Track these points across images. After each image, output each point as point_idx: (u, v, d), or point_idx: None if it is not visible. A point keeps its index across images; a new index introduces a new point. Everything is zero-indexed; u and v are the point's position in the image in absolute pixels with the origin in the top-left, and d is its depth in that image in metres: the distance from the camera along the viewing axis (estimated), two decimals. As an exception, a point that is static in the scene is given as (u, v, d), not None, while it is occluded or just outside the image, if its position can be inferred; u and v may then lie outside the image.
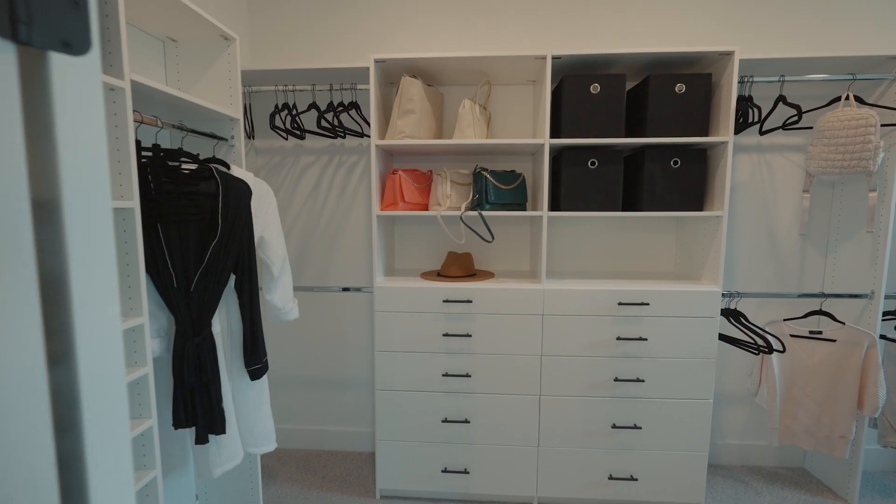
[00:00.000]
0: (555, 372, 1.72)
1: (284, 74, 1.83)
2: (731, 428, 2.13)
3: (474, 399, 1.75)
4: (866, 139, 1.60)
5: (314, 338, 2.20)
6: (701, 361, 1.68)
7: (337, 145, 2.09)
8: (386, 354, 1.76)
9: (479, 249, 2.09)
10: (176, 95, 1.20)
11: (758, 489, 1.94)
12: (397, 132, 1.73)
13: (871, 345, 1.71)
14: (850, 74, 1.68)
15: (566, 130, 1.67)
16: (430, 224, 2.10)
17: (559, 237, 2.07)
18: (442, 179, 1.79)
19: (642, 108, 1.67)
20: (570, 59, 1.65)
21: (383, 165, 1.88)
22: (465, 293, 1.71)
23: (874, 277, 1.75)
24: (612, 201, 1.71)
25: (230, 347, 1.42)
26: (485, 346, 1.72)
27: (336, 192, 2.11)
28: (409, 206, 1.78)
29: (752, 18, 1.91)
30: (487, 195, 1.72)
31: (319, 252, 2.15)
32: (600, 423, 1.73)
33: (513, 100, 2.01)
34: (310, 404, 2.25)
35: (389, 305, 1.73)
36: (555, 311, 1.69)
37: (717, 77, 1.66)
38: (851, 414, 1.75)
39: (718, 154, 1.67)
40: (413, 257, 2.13)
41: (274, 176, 2.12)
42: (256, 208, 1.46)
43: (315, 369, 2.22)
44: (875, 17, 1.88)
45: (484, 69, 1.80)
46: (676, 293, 1.66)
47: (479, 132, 1.77)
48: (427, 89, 1.79)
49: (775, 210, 1.99)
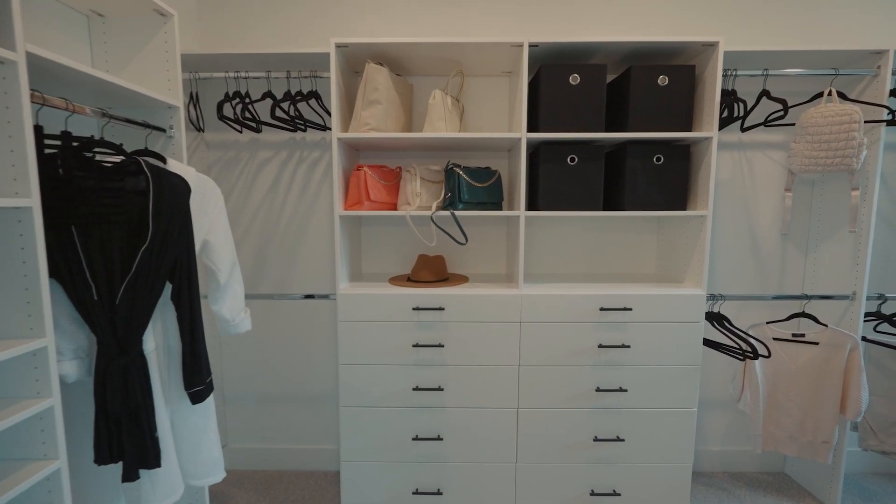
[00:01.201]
0: (533, 383, 1.60)
1: (236, 60, 1.65)
2: (713, 434, 2.07)
3: (447, 414, 1.62)
4: (850, 136, 1.55)
5: (274, 350, 2.03)
6: (685, 369, 1.60)
7: (297, 139, 1.92)
8: (351, 368, 1.60)
9: (452, 252, 1.96)
10: (91, 75, 1.02)
11: (741, 497, 1.88)
12: (362, 124, 1.58)
13: (854, 347, 1.67)
14: (832, 69, 1.63)
15: (544, 124, 1.55)
16: (399, 225, 1.95)
17: (537, 238, 1.96)
18: (411, 176, 1.65)
19: (624, 101, 1.57)
20: (548, 47, 1.54)
21: (347, 161, 1.72)
22: (437, 300, 1.57)
23: (856, 278, 1.71)
24: (593, 200, 1.61)
25: (168, 367, 1.24)
26: (458, 357, 1.59)
27: (297, 190, 1.94)
28: (375, 206, 1.63)
29: (736, 7, 1.84)
30: (460, 194, 1.59)
31: (279, 256, 1.97)
32: (581, 436, 1.63)
33: (487, 92, 1.88)
34: (270, 421, 2.07)
35: (354, 314, 1.58)
36: (533, 318, 1.58)
37: (701, 69, 1.57)
38: (834, 419, 1.70)
39: (702, 150, 1.59)
40: (381, 261, 1.98)
41: (228, 172, 1.93)
42: (199, 208, 1.29)
43: (275, 384, 2.05)
44: (860, 8, 1.84)
45: (456, 58, 1.67)
46: (660, 297, 1.57)
47: (452, 125, 1.64)
48: (395, 78, 1.65)
49: (756, 209, 1.94)
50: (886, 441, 1.80)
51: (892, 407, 1.78)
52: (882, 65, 1.60)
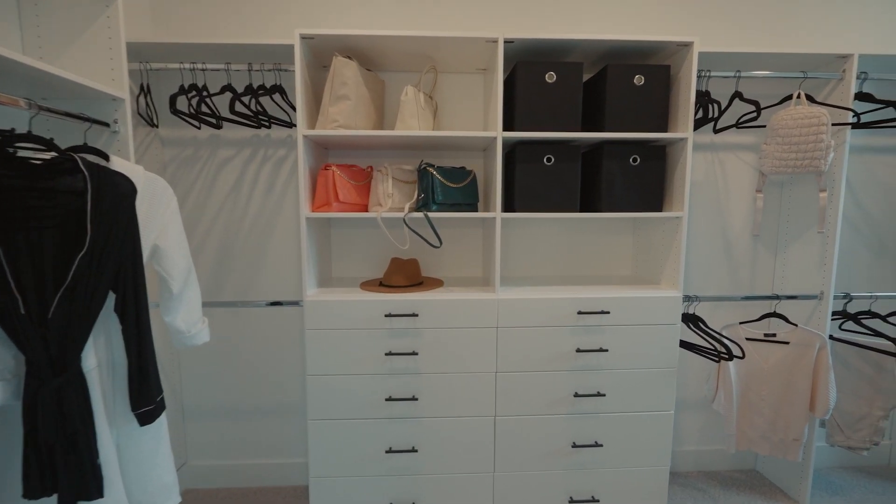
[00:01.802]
0: (511, 390, 1.56)
1: (193, 50, 1.53)
2: (687, 434, 2.08)
3: (422, 424, 1.55)
4: (818, 138, 1.57)
5: (238, 360, 1.91)
6: (662, 371, 1.58)
7: (262, 136, 1.81)
8: (319, 378, 1.51)
9: (426, 255, 1.90)
10: (21, 62, 0.90)
11: (715, 496, 1.89)
12: (329, 121, 1.49)
13: (822, 346, 1.69)
14: (801, 72, 1.65)
15: (520, 123, 1.51)
16: (371, 227, 1.87)
17: (513, 239, 1.92)
18: (383, 176, 1.57)
19: (600, 100, 1.55)
20: (523, 43, 1.49)
21: (315, 160, 1.63)
22: (411, 305, 1.50)
23: (823, 278, 1.74)
24: (570, 201, 1.57)
25: (112, 386, 1.13)
26: (433, 365, 1.53)
27: (261, 190, 1.83)
28: (344, 207, 1.55)
29: (709, 9, 1.84)
30: (434, 194, 1.53)
31: (243, 261, 1.86)
32: (560, 442, 1.59)
33: (462, 89, 1.83)
34: (233, 436, 1.95)
35: (322, 322, 1.50)
36: (510, 323, 1.53)
37: (676, 70, 1.56)
38: (804, 417, 1.73)
39: (677, 151, 1.58)
40: (352, 265, 1.89)
41: (185, 171, 1.80)
42: (148, 210, 1.17)
43: (239, 396, 1.93)
44: (828, 12, 1.87)
45: (429, 53, 1.61)
46: (637, 300, 1.55)
47: (425, 123, 1.57)
48: (365, 73, 1.57)
49: (728, 210, 1.95)
50: (852, 437, 1.84)
51: (858, 403, 1.83)
52: (847, 68, 1.63)
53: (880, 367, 1.78)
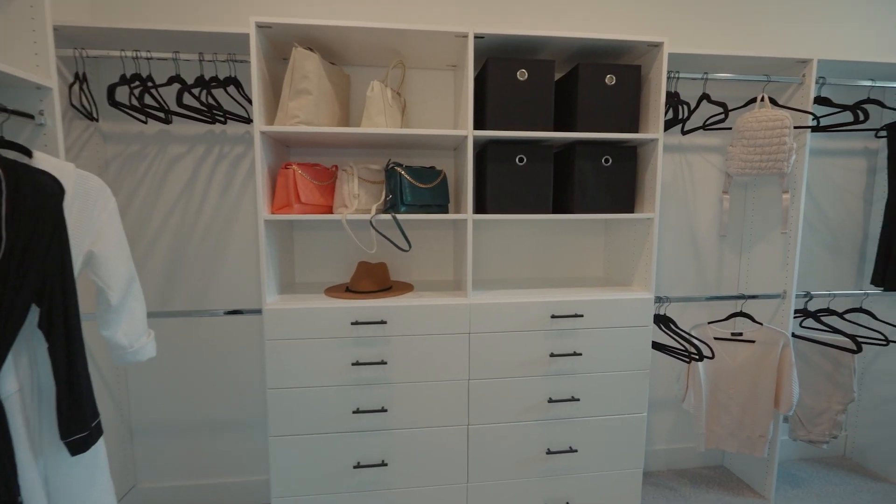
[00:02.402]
0: (484, 397, 1.51)
1: (136, 36, 1.40)
2: (658, 433, 2.09)
3: (392, 437, 1.48)
4: (781, 140, 1.60)
5: (192, 374, 1.77)
6: (635, 374, 1.57)
7: (217, 132, 1.68)
8: (281, 392, 1.42)
9: (396, 258, 1.82)
10: None
11: (686, 495, 1.91)
12: (289, 117, 1.40)
13: (786, 344, 1.73)
14: (764, 76, 1.68)
15: (492, 121, 1.46)
16: (337, 229, 1.78)
17: (485, 241, 1.87)
18: (348, 176, 1.49)
19: (572, 99, 1.52)
20: (494, 39, 1.45)
21: (275, 158, 1.53)
22: (379, 312, 1.43)
23: (786, 277, 1.78)
24: (543, 202, 1.54)
25: (38, 412, 1.00)
26: (403, 374, 1.46)
27: (217, 190, 1.71)
28: (307, 209, 1.45)
29: (679, 10, 1.86)
30: (403, 195, 1.46)
31: (197, 267, 1.73)
32: (534, 449, 1.55)
33: (431, 86, 1.76)
34: (189, 455, 1.81)
35: (284, 331, 1.40)
36: (483, 328, 1.48)
37: (647, 70, 1.55)
38: (769, 413, 1.76)
39: (648, 152, 1.57)
40: (317, 269, 1.79)
41: (130, 170, 1.65)
42: (80, 213, 1.05)
43: (194, 412, 1.79)
44: (789, 18, 1.92)
45: (397, 47, 1.53)
46: (610, 302, 1.53)
47: (392, 121, 1.50)
48: (328, 67, 1.48)
49: (696, 211, 1.98)
50: (813, 431, 1.90)
51: (818, 399, 1.89)
52: (807, 73, 1.67)
53: (838, 363, 1.84)
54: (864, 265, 2.10)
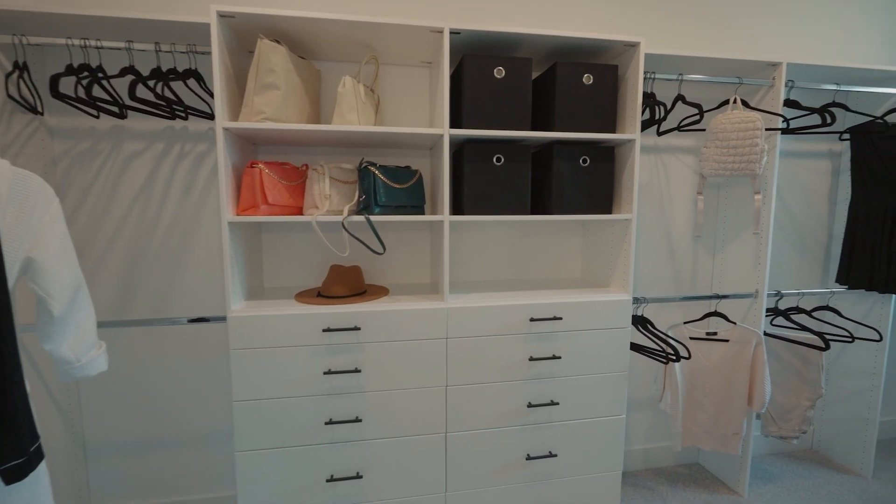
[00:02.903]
0: (462, 404, 1.46)
1: (84, 23, 1.29)
2: (635, 433, 2.10)
3: (367, 448, 1.42)
4: (753, 142, 1.61)
5: (154, 386, 1.66)
6: (614, 376, 1.56)
7: (177, 128, 1.58)
8: (247, 405, 1.33)
9: (370, 260, 1.76)
10: None
11: (663, 494, 1.92)
12: (255, 113, 1.32)
13: (759, 342, 1.76)
14: (737, 78, 1.70)
15: (468, 120, 1.42)
16: (308, 231, 1.71)
17: (462, 242, 1.83)
18: (319, 176, 1.42)
19: (550, 98, 1.49)
20: (470, 35, 1.40)
21: (240, 156, 1.45)
22: (352, 318, 1.36)
23: (757, 277, 1.81)
24: (521, 203, 1.51)
25: (-34, 436, 0.89)
26: (378, 382, 1.40)
27: (178, 190, 1.61)
28: (275, 210, 1.38)
29: (653, 12, 1.86)
30: (377, 196, 1.40)
31: (157, 273, 1.62)
32: (514, 456, 1.52)
33: (406, 83, 1.71)
34: (149, 473, 1.70)
35: (250, 340, 1.32)
36: (461, 333, 1.44)
37: (623, 70, 1.55)
38: (743, 411, 1.79)
39: (625, 153, 1.56)
40: (288, 273, 1.71)
41: (81, 168, 1.54)
42: (17, 215, 0.95)
43: (157, 427, 1.68)
44: (762, 21, 1.95)
45: (370, 42, 1.47)
46: (589, 304, 1.51)
47: (366, 118, 1.44)
48: (297, 61, 1.41)
49: (671, 212, 1.99)
50: (784, 427, 1.94)
51: (788, 395, 1.93)
52: (777, 76, 1.70)
53: (807, 360, 1.88)
54: (830, 264, 2.17)
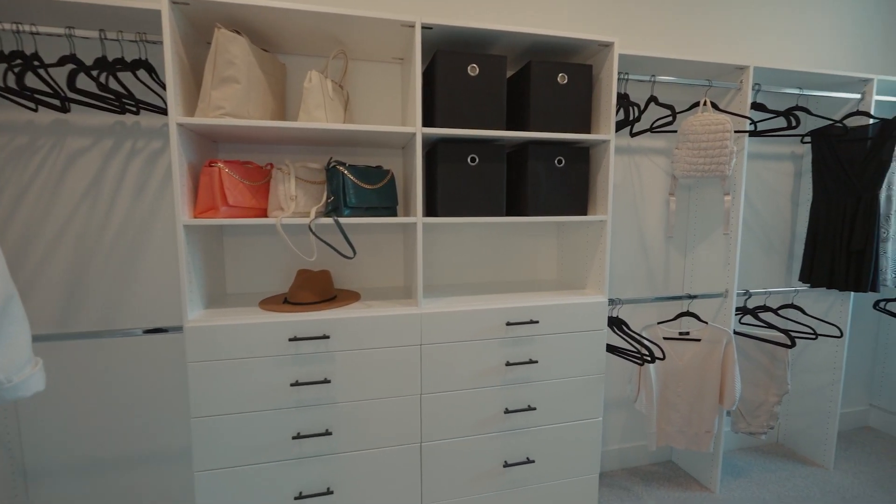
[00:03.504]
0: (437, 412, 1.41)
1: (17, 6, 1.17)
2: (610, 433, 2.10)
3: (338, 462, 1.35)
4: (723, 144, 1.64)
5: (104, 403, 1.54)
6: (590, 379, 1.55)
7: (128, 124, 1.47)
8: (207, 421, 1.24)
9: (340, 264, 1.69)
10: None
11: (639, 494, 1.93)
12: (213, 108, 1.23)
13: (729, 341, 1.78)
14: (706, 80, 1.72)
15: (441, 119, 1.37)
16: (274, 234, 1.62)
17: (436, 244, 1.78)
18: (284, 176, 1.34)
19: (524, 97, 1.46)
20: (443, 31, 1.36)
21: (198, 155, 1.35)
22: (321, 326, 1.29)
23: (727, 277, 1.84)
24: (496, 204, 1.47)
25: None
26: (349, 392, 1.33)
27: (130, 190, 1.49)
28: (236, 212, 1.29)
29: (626, 13, 1.86)
30: (346, 197, 1.33)
31: (107, 280, 1.50)
32: (491, 463, 1.48)
33: (377, 80, 1.64)
34: (102, 497, 1.57)
35: (210, 351, 1.23)
36: (435, 339, 1.39)
37: (598, 70, 1.53)
38: (715, 409, 1.81)
39: (600, 153, 1.55)
40: (252, 279, 1.62)
41: (18, 166, 1.40)
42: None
43: (108, 446, 1.56)
44: (728, 26, 1.99)
45: (338, 35, 1.40)
46: (565, 307, 1.49)
47: (334, 115, 1.37)
48: (260, 54, 1.33)
49: (644, 213, 2.00)
50: (752, 423, 1.98)
51: (756, 392, 1.97)
52: (744, 79, 1.73)
53: (774, 357, 1.93)
54: (793, 263, 2.23)
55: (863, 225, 1.85)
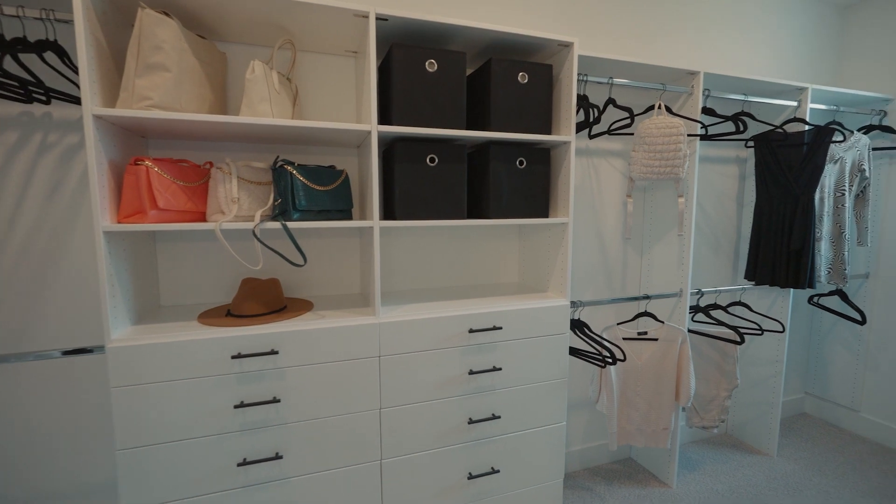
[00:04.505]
0: (398, 427, 1.34)
1: None
2: (572, 435, 2.11)
3: (290, 488, 1.24)
4: (677, 147, 1.67)
5: (12, 436, 1.34)
6: (554, 384, 1.53)
7: (37, 115, 1.28)
8: (136, 453, 1.10)
9: (291, 271, 1.57)
10: None
11: (602, 494, 1.94)
12: (138, 98, 1.09)
13: (684, 340, 1.83)
14: (661, 84, 1.75)
15: (399, 117, 1.29)
16: (216, 239, 1.48)
17: (395, 249, 1.70)
18: (225, 176, 1.21)
19: (484, 96, 1.41)
20: (399, 23, 1.28)
21: (123, 151, 1.20)
22: (268, 340, 1.18)
23: (681, 277, 1.89)
24: (457, 207, 1.41)
25: None
26: (301, 411, 1.23)
27: (41, 191, 1.31)
28: (170, 216, 1.15)
29: (587, 15, 1.86)
30: (296, 199, 1.22)
31: (13, 294, 1.30)
32: (455, 476, 1.42)
33: (329, 74, 1.54)
34: (7, 543, 1.37)
35: (138, 374, 1.08)
36: (395, 350, 1.31)
37: (558, 70, 1.51)
38: (672, 406, 1.85)
39: (561, 155, 1.53)
40: (191, 289, 1.47)
41: None
42: None
43: (16, 486, 1.36)
44: (684, 30, 2.04)
45: (284, 24, 1.29)
46: (528, 311, 1.46)
47: (281, 110, 1.26)
48: (195, 40, 1.19)
49: (602, 214, 2.02)
50: (705, 417, 2.05)
51: (708, 387, 2.04)
52: (695, 84, 1.77)
53: (724, 353, 2.00)
54: (739, 262, 2.34)
55: (800, 225, 1.96)
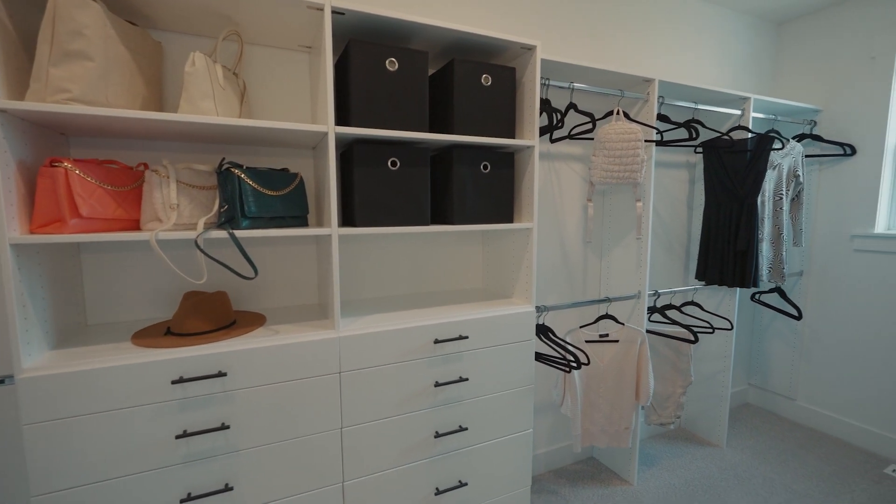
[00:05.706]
0: (361, 446, 1.26)
1: None
2: (537, 438, 2.11)
3: (242, 521, 1.13)
4: (636, 152, 1.70)
5: None
6: (520, 391, 1.50)
7: (-73, 107, 1.09)
8: (55, 498, 0.96)
9: (241, 282, 1.45)
10: None
11: (566, 496, 1.95)
12: (54, 90, 0.95)
13: (643, 340, 1.87)
14: (619, 90, 1.78)
15: (358, 117, 1.22)
16: (151, 249, 1.33)
17: (355, 256, 1.62)
18: (161, 179, 1.09)
19: (447, 98, 1.37)
20: (357, 18, 1.21)
21: (38, 151, 1.04)
22: (215, 361, 1.07)
23: (639, 279, 1.93)
24: (420, 213, 1.35)
25: None
26: (254, 437, 1.13)
27: (-67, 196, 1.11)
28: (95, 224, 1.01)
29: (552, 14, 1.86)
30: (244, 206, 1.12)
31: None
32: (421, 492, 1.37)
33: (281, 70, 1.44)
34: None
35: (56, 407, 0.94)
36: (357, 364, 1.23)
37: (521, 73, 1.49)
38: (632, 406, 1.89)
39: (525, 159, 1.52)
40: (123, 305, 1.31)
41: None
42: None
43: None
44: (638, 39, 2.09)
45: (228, 13, 1.18)
46: (494, 319, 1.43)
47: (226, 107, 1.15)
48: (123, 26, 1.06)
49: (563, 218, 2.03)
50: (662, 414, 2.11)
51: (665, 385, 2.10)
52: (650, 91, 1.82)
53: (679, 351, 2.07)
54: (689, 263, 2.44)
55: (745, 228, 2.06)
